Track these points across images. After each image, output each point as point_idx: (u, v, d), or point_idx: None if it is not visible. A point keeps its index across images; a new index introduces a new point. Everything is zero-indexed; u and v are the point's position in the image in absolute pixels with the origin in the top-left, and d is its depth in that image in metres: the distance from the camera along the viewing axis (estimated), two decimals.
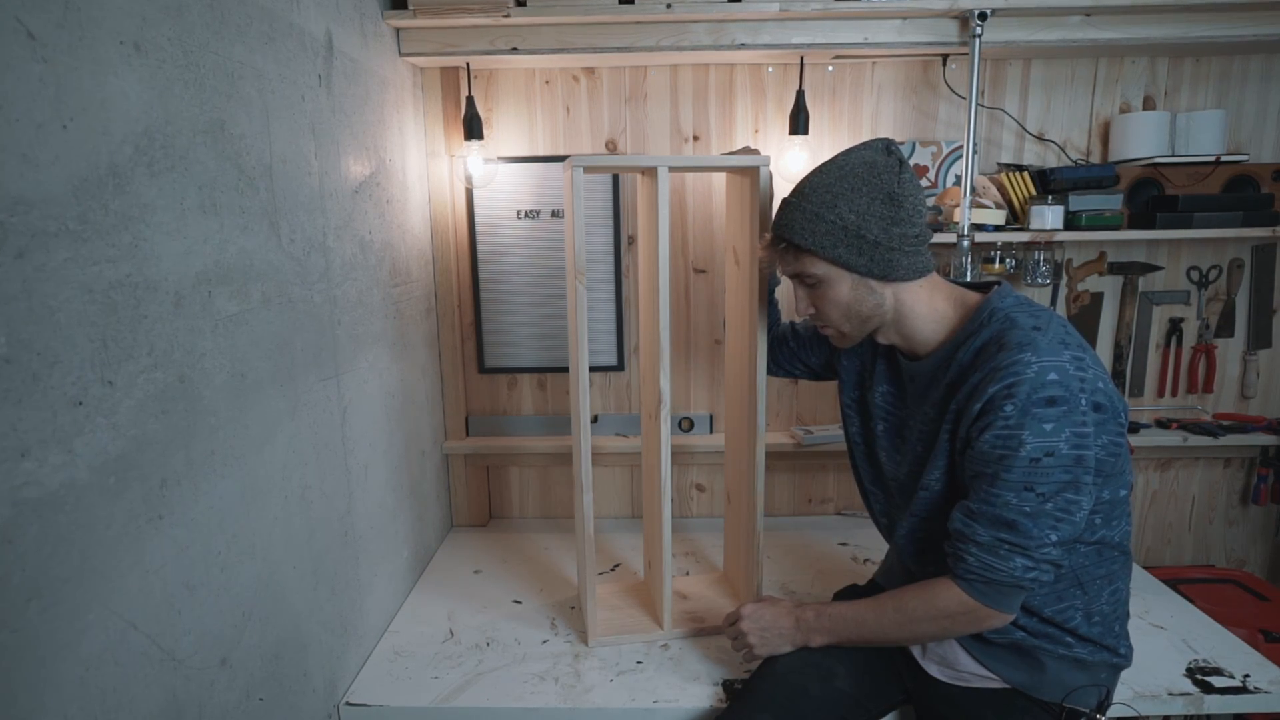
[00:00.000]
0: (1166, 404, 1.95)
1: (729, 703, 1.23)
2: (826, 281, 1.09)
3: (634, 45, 1.65)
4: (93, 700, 0.75)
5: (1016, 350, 0.97)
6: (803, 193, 1.09)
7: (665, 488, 1.39)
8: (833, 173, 1.07)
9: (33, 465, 0.68)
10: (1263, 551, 2.02)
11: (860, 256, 1.06)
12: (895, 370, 1.21)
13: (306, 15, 1.21)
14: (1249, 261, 1.89)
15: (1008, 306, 1.05)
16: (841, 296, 1.10)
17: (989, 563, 1.00)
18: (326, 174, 1.27)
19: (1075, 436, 0.95)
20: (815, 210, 1.06)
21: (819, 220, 1.06)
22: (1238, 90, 1.81)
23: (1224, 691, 1.25)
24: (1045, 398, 0.95)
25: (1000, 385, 0.97)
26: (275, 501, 1.09)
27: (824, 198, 1.06)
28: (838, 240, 1.06)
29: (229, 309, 0.98)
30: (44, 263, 0.69)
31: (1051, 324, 1.01)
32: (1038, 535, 0.97)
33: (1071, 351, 0.98)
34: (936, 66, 1.80)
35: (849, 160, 1.07)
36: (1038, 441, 0.95)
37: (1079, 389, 0.96)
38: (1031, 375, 0.95)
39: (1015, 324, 1.02)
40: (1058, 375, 0.95)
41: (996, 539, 0.99)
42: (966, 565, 1.03)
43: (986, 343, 1.03)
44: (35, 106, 0.68)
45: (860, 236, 1.05)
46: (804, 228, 1.07)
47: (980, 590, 1.03)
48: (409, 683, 1.33)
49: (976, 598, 1.03)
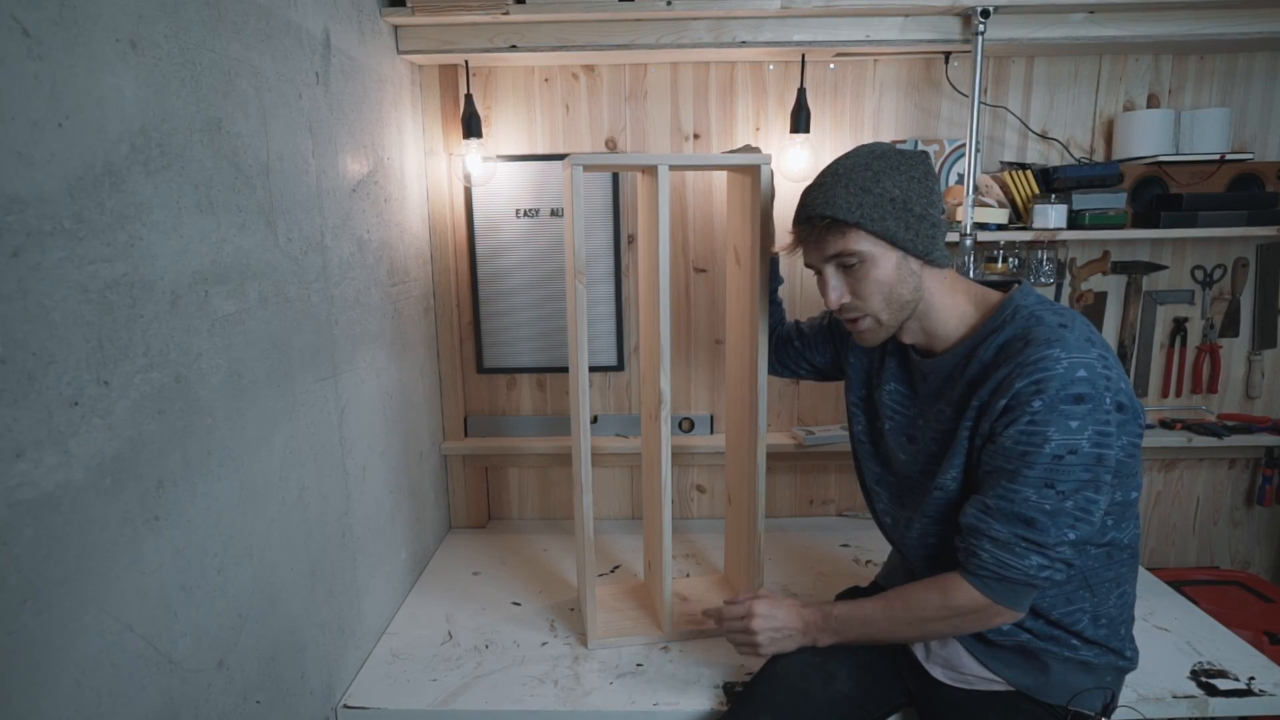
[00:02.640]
0: (1171, 404, 1.95)
1: (730, 705, 1.23)
2: (870, 260, 1.06)
3: (634, 43, 1.65)
4: (89, 703, 0.75)
5: (1045, 346, 0.97)
6: (838, 173, 1.07)
7: (665, 489, 1.39)
8: (864, 156, 1.07)
9: (28, 466, 0.68)
10: (1267, 553, 2.02)
11: (908, 230, 1.04)
12: (906, 368, 1.21)
13: (304, 12, 1.21)
14: (1254, 261, 1.89)
15: (1031, 304, 1.05)
16: (886, 275, 1.06)
17: (1004, 559, 1.00)
18: (324, 172, 1.27)
19: (1098, 435, 0.95)
20: (862, 184, 1.04)
21: (866, 194, 1.04)
22: (1242, 88, 1.81)
23: (1228, 694, 1.25)
24: (1073, 394, 0.94)
25: (1028, 380, 0.96)
26: (272, 503, 1.09)
27: (866, 175, 1.05)
28: (886, 212, 1.04)
29: (225, 309, 0.98)
30: (39, 262, 0.69)
31: (1077, 322, 1.02)
32: (1055, 534, 0.97)
33: (1098, 350, 0.98)
34: (939, 64, 1.80)
35: (876, 148, 1.08)
36: (1062, 439, 0.95)
37: (1104, 388, 0.96)
38: (1061, 371, 0.95)
39: (1041, 321, 1.01)
40: (1086, 373, 0.95)
41: (1014, 535, 0.99)
42: (980, 561, 1.02)
43: (1011, 339, 1.02)
44: (30, 104, 0.68)
45: (908, 209, 1.04)
46: (850, 201, 1.04)
47: (992, 587, 1.02)
48: (407, 685, 1.33)
49: (989, 595, 1.03)
